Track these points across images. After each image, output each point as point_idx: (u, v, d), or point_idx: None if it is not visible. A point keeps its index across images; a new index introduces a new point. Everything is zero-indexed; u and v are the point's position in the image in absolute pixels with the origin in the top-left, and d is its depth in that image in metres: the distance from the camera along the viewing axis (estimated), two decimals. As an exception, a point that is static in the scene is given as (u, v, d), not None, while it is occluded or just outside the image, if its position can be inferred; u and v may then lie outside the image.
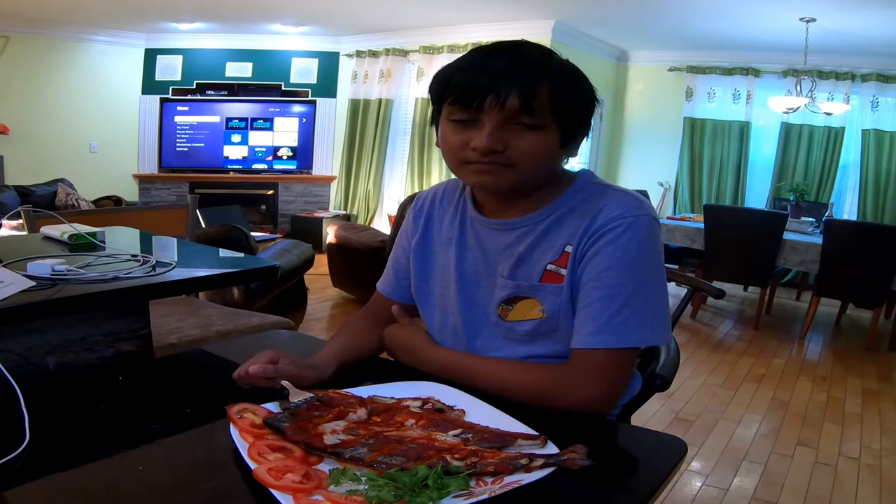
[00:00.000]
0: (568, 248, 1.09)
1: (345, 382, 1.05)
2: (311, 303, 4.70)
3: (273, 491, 0.72)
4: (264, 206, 8.03)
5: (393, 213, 6.78)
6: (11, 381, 0.93)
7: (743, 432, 3.13)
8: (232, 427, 0.86)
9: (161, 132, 7.80)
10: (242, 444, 0.82)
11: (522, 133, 1.03)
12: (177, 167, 7.89)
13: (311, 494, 0.72)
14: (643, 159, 7.53)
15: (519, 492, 0.74)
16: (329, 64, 7.92)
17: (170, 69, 7.77)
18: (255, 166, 7.91)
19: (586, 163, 7.24)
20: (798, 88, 5.89)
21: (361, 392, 1.00)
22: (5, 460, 0.79)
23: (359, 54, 7.70)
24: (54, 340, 1.27)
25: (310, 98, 7.91)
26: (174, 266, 1.44)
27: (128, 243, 1.78)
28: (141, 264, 1.44)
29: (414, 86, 7.36)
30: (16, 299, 1.15)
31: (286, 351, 1.08)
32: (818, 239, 4.84)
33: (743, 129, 6.84)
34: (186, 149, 7.85)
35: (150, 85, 7.78)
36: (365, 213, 7.78)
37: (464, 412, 0.95)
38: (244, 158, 7.89)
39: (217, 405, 0.92)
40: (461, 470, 0.76)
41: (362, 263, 4.65)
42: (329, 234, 5.15)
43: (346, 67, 7.87)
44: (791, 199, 5.78)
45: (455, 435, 0.86)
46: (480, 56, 1.05)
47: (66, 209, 5.97)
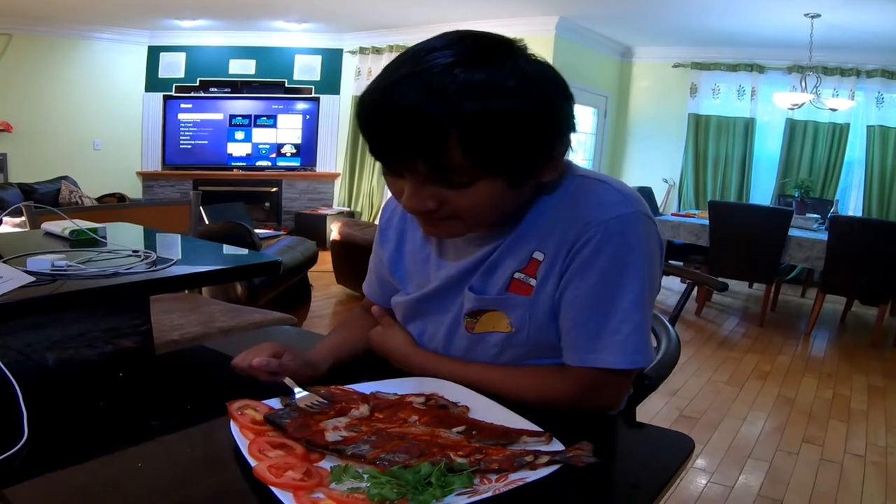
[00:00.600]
0: (537, 255, 0.97)
1: (347, 378, 1.04)
2: (315, 300, 4.69)
3: (273, 489, 0.70)
4: (268, 204, 8.04)
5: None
6: (10, 378, 0.92)
7: (748, 430, 3.12)
8: (232, 424, 0.85)
9: (164, 129, 7.81)
10: (243, 441, 0.81)
11: (451, 191, 0.87)
12: (180, 164, 7.90)
13: (313, 492, 0.71)
14: (648, 156, 7.51)
15: (524, 489, 0.72)
16: (332, 61, 7.92)
17: (173, 66, 7.78)
18: (259, 163, 7.92)
19: (590, 160, 7.22)
20: (803, 84, 5.86)
21: (364, 388, 0.98)
22: (3, 457, 0.78)
23: (362, 51, 7.69)
24: (53, 336, 1.26)
25: (313, 95, 7.92)
26: (175, 261, 1.43)
27: (130, 239, 1.77)
28: (141, 260, 1.43)
29: (417, 82, 7.33)
30: (15, 295, 1.14)
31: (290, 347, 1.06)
32: (823, 235, 4.82)
33: (748, 126, 6.82)
34: (190, 146, 7.85)
35: (154, 82, 7.79)
36: (369, 210, 7.78)
37: (468, 409, 0.94)
38: (248, 156, 7.89)
39: (218, 402, 0.90)
40: (465, 467, 0.75)
41: (366, 260, 4.62)
42: (333, 231, 5.15)
43: (350, 64, 7.87)
44: (796, 196, 5.76)
45: (459, 432, 0.85)
46: (381, 103, 0.84)
47: (70, 206, 5.97)
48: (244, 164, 7.89)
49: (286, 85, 7.89)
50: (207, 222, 4.52)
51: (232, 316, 2.46)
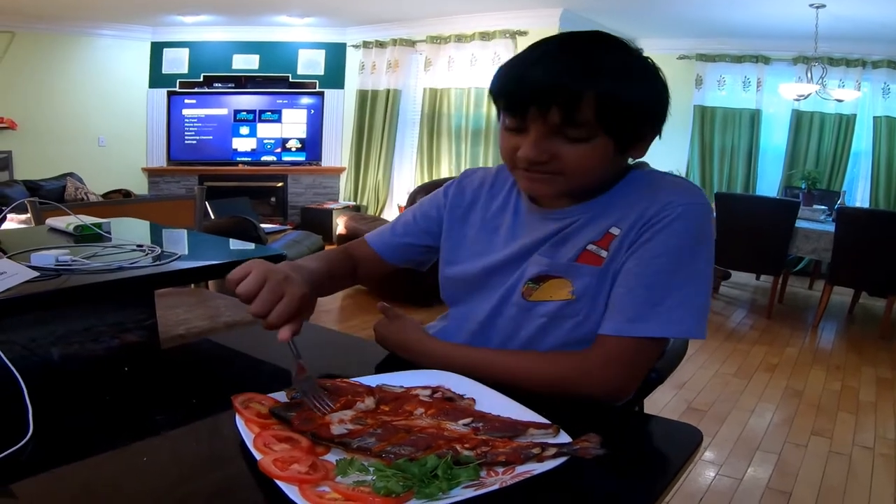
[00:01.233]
0: (613, 230, 1.05)
1: (353, 371, 1.03)
2: (320, 294, 4.68)
3: (279, 482, 0.70)
4: (274, 198, 8.05)
5: (403, 204, 6.77)
6: (15, 373, 0.91)
7: (756, 422, 3.11)
8: (238, 417, 0.84)
9: (169, 125, 7.81)
10: (248, 435, 0.80)
11: (569, 144, 1.00)
12: (186, 160, 7.91)
13: (318, 485, 0.70)
14: (654, 148, 7.22)
15: (531, 482, 0.72)
16: (336, 55, 7.90)
17: (176, 62, 7.78)
18: (264, 158, 7.92)
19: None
20: (809, 75, 5.83)
21: (370, 381, 0.98)
22: (9, 452, 0.77)
23: (366, 45, 7.68)
24: (58, 331, 1.26)
25: (317, 89, 7.91)
26: (179, 256, 1.43)
27: (135, 235, 1.77)
28: (146, 254, 1.42)
29: (422, 76, 7.33)
30: (19, 290, 1.14)
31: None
32: (831, 227, 4.79)
33: (753, 117, 6.78)
34: (195, 142, 7.86)
35: (157, 78, 7.79)
36: (375, 204, 7.78)
37: (474, 401, 0.93)
38: (253, 150, 7.90)
39: (223, 396, 0.90)
40: (471, 460, 0.75)
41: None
42: (339, 226, 5.15)
43: (354, 58, 7.85)
44: (803, 187, 5.72)
45: (465, 424, 0.85)
46: (529, 61, 1.00)
47: (75, 203, 5.98)
48: (249, 160, 7.89)
49: (290, 80, 7.88)
50: (213, 217, 4.53)
51: (238, 310, 2.45)
